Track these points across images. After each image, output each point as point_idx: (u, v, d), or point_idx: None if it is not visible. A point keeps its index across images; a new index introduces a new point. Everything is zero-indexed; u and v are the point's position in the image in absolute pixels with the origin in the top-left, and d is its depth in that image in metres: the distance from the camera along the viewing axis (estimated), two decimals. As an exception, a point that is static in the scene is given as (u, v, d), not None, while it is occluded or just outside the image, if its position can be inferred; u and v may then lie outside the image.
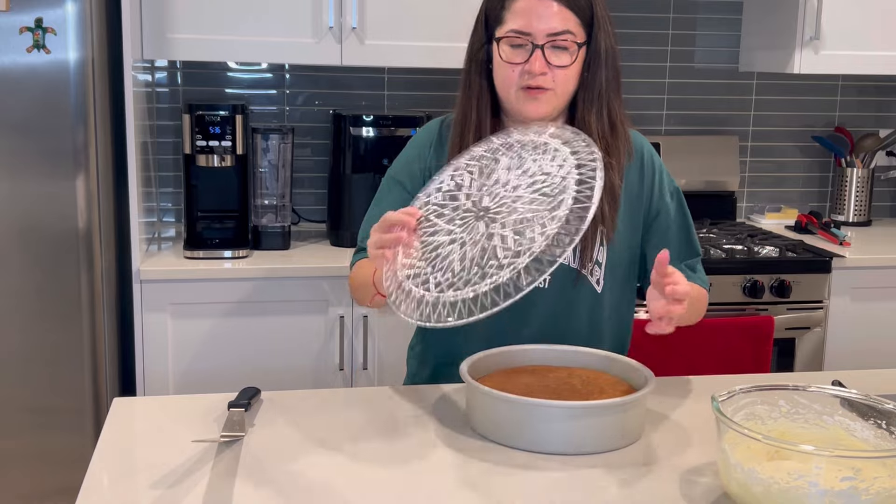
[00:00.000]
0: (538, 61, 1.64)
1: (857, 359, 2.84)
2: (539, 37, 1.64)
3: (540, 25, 1.64)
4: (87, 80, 2.43)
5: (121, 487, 1.34)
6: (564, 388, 1.56)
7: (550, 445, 1.43)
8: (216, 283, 2.61)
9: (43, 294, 2.49)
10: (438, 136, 1.80)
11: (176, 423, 1.55)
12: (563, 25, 1.64)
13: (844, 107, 3.51)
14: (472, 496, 1.31)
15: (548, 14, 1.64)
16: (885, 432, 1.33)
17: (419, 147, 1.81)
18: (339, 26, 2.73)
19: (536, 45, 1.64)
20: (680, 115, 3.41)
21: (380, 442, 1.49)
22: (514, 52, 1.67)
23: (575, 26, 1.65)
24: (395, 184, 1.80)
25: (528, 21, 1.64)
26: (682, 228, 1.83)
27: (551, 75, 1.66)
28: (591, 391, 1.55)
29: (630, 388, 1.55)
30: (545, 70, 1.65)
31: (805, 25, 3.00)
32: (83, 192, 2.47)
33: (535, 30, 1.64)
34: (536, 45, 1.64)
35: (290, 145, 2.85)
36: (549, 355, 1.67)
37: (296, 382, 2.62)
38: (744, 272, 2.84)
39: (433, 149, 1.79)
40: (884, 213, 3.61)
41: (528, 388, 1.54)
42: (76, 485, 1.33)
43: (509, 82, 1.68)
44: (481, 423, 1.50)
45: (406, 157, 1.82)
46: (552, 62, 1.65)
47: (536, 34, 1.64)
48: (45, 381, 2.52)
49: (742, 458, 1.25)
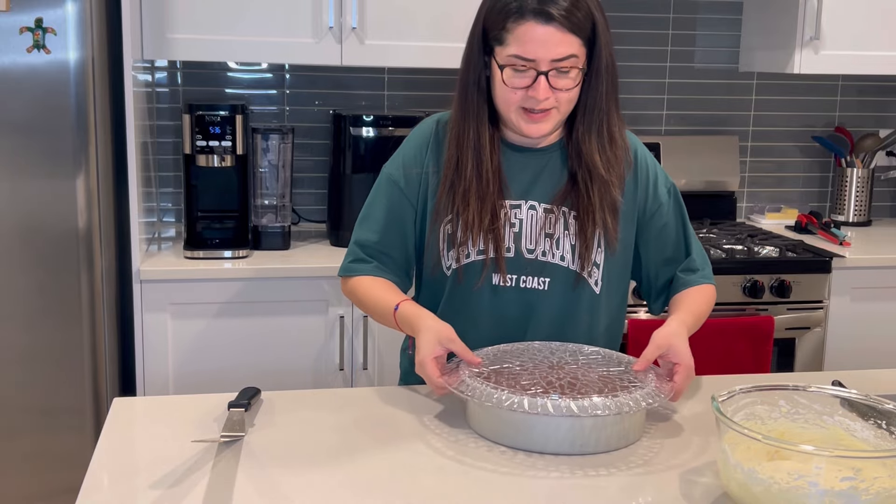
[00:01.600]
0: (542, 88, 1.60)
1: (857, 359, 2.84)
2: (543, 64, 1.59)
3: (544, 53, 1.58)
4: (87, 80, 2.43)
5: (121, 487, 1.34)
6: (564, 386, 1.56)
7: (550, 446, 1.43)
8: (216, 283, 2.61)
9: (43, 294, 2.49)
10: (435, 136, 1.78)
11: (176, 423, 1.55)
12: (568, 51, 1.60)
13: (844, 107, 3.51)
14: (474, 497, 1.31)
15: (552, 41, 1.58)
16: (885, 432, 1.33)
17: (415, 148, 1.79)
18: (339, 26, 2.73)
19: (540, 72, 1.60)
20: (680, 115, 3.41)
21: (380, 442, 1.49)
22: (517, 77, 1.62)
23: (578, 48, 1.61)
24: (391, 183, 1.78)
25: (533, 48, 1.58)
26: (678, 226, 1.82)
27: (554, 98, 1.63)
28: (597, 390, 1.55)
29: None
30: (549, 95, 1.62)
31: (805, 25, 3.00)
32: (83, 192, 2.47)
33: (539, 57, 1.59)
34: (540, 72, 1.60)
35: (290, 145, 2.85)
36: None
37: (296, 382, 2.62)
38: (744, 272, 2.84)
39: (430, 150, 1.77)
40: (884, 213, 3.61)
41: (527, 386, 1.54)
42: (76, 485, 1.33)
43: (510, 104, 1.65)
44: (481, 423, 1.50)
45: (402, 158, 1.80)
46: (555, 86, 1.61)
47: (540, 62, 1.59)
48: (45, 381, 2.52)
49: (742, 458, 1.25)
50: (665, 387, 1.52)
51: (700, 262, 1.83)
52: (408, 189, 1.76)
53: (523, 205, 1.73)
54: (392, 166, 1.80)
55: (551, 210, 1.72)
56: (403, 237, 1.78)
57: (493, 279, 1.72)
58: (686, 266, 1.82)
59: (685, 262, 1.82)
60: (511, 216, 1.72)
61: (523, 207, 1.73)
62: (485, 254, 1.70)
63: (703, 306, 1.77)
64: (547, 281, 1.73)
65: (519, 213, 1.73)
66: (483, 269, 1.71)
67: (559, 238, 1.72)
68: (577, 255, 1.72)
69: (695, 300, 1.76)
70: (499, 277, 1.72)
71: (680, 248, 1.82)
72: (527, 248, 1.72)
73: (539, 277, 1.73)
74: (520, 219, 1.73)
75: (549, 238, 1.72)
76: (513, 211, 1.73)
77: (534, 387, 1.48)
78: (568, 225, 1.72)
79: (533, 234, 1.72)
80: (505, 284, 1.72)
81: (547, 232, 1.72)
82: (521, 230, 1.72)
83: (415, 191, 1.77)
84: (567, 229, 1.72)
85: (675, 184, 1.84)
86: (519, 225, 1.72)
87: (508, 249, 1.72)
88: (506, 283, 1.72)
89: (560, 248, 1.72)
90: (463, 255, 1.72)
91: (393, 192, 1.77)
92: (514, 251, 1.72)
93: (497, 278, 1.72)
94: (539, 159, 1.75)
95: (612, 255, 1.74)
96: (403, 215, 1.77)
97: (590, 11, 1.61)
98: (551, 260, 1.72)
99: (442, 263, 1.75)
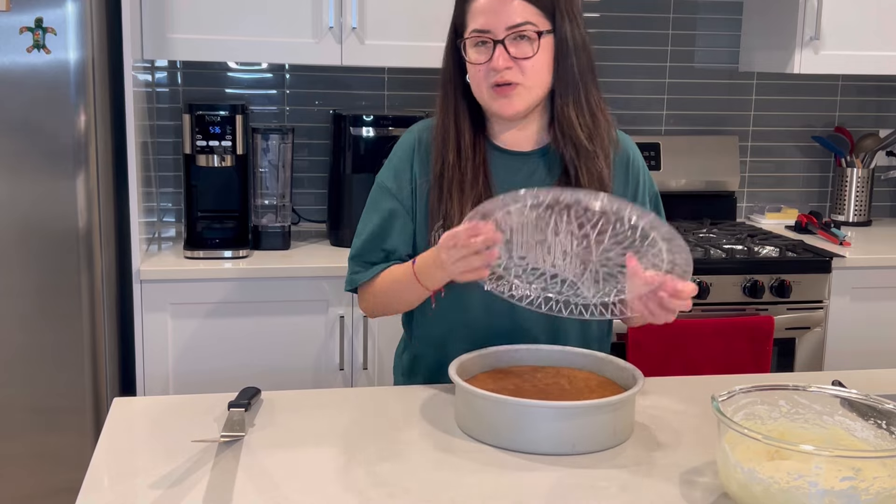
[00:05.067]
0: (501, 57, 1.63)
1: (857, 359, 2.84)
2: (499, 32, 1.63)
3: (498, 21, 1.63)
4: (87, 80, 2.43)
5: (121, 487, 1.34)
6: (553, 388, 1.56)
7: (540, 446, 1.43)
8: (216, 283, 2.61)
9: (43, 294, 2.49)
10: (418, 144, 1.78)
11: (176, 423, 1.55)
12: (522, 17, 1.63)
13: (844, 107, 3.51)
14: (474, 497, 1.31)
15: (506, 9, 1.63)
16: (885, 432, 1.33)
17: (402, 160, 1.79)
18: (339, 26, 2.73)
19: (497, 41, 1.64)
20: (680, 115, 3.41)
21: (379, 442, 1.49)
22: (478, 52, 1.66)
23: (534, 16, 1.64)
24: (384, 191, 1.78)
25: (487, 18, 1.64)
26: None
27: (517, 68, 1.64)
28: (579, 391, 1.55)
29: (619, 388, 1.56)
30: (509, 64, 1.64)
31: (805, 25, 3.00)
32: (83, 192, 2.47)
33: (493, 26, 1.64)
34: (497, 41, 1.64)
35: (290, 145, 2.85)
36: (537, 356, 1.67)
37: (296, 382, 2.62)
38: (744, 272, 2.84)
39: (416, 160, 1.77)
40: (884, 213, 3.61)
41: (517, 388, 1.54)
42: (76, 485, 1.33)
43: (478, 83, 1.68)
44: (471, 424, 1.50)
45: (393, 166, 1.80)
46: (515, 55, 1.64)
47: (496, 30, 1.64)
48: (45, 381, 2.52)
49: (742, 458, 1.25)
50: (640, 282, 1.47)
51: None
52: (401, 196, 1.76)
53: None
54: (384, 176, 1.80)
55: None
56: (402, 239, 1.77)
57: None
58: None
59: None
60: None
61: None
62: None
63: None
64: None
65: None
66: None
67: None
68: None
69: None
70: None
71: None
72: None
73: None
74: None
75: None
76: None
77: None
78: None
79: None
80: None
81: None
82: None
83: (408, 197, 1.76)
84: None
85: (658, 193, 1.84)
86: None
87: None
88: None
89: None
90: None
91: (388, 199, 1.77)
92: None
93: None
94: (528, 164, 1.74)
95: None
96: (401, 219, 1.76)
97: None
98: None
99: None
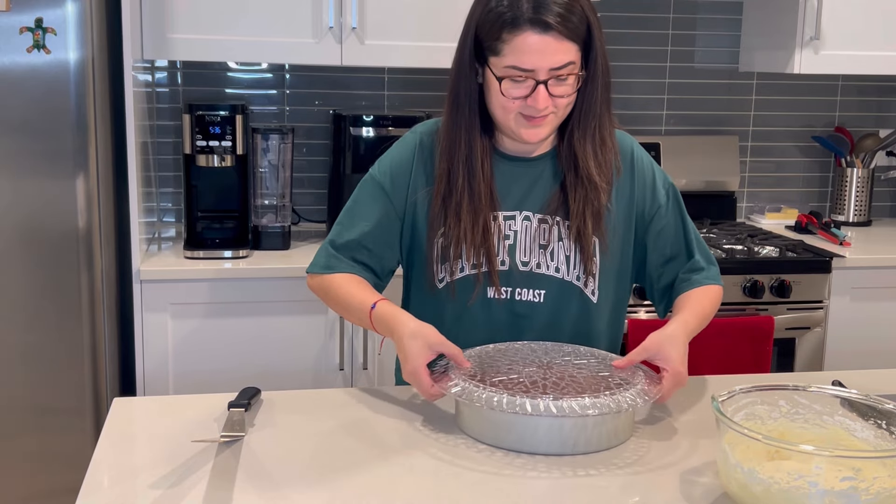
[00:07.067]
0: (542, 98, 1.58)
1: (857, 359, 2.84)
2: (542, 73, 1.57)
3: (542, 63, 1.56)
4: (87, 80, 2.43)
5: (121, 487, 1.34)
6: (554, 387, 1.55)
7: (540, 446, 1.43)
8: (216, 283, 2.61)
9: (43, 294, 2.49)
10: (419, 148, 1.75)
11: (176, 423, 1.55)
12: (566, 58, 1.58)
13: (844, 107, 3.51)
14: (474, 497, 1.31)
15: (549, 50, 1.56)
16: (885, 432, 1.33)
17: (402, 161, 1.75)
18: (339, 26, 2.73)
19: (539, 82, 1.58)
20: (680, 115, 3.41)
21: (379, 442, 1.49)
22: (515, 87, 1.60)
23: (575, 54, 1.59)
24: (375, 185, 1.75)
25: (532, 59, 1.56)
26: (678, 226, 1.79)
27: (553, 104, 1.61)
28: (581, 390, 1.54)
29: None
30: (548, 104, 1.60)
31: (805, 25, 3.00)
32: (83, 193, 2.47)
33: (537, 66, 1.56)
34: (539, 82, 1.58)
35: (290, 145, 2.85)
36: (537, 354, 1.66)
37: (296, 382, 2.62)
38: (744, 272, 2.84)
39: (416, 164, 1.74)
40: (884, 213, 3.61)
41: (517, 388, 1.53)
42: (76, 485, 1.33)
43: (506, 111, 1.62)
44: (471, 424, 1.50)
45: (391, 164, 1.76)
46: (554, 93, 1.60)
47: (539, 71, 1.57)
48: (45, 381, 2.52)
49: (742, 458, 1.25)
50: (652, 390, 1.51)
51: (705, 263, 1.80)
52: (394, 194, 1.74)
53: (517, 216, 1.71)
54: (377, 170, 1.77)
55: (545, 220, 1.71)
56: (384, 239, 1.74)
57: (487, 293, 1.71)
58: (690, 267, 1.78)
59: (689, 263, 1.78)
60: (505, 228, 1.70)
61: (517, 219, 1.71)
62: (478, 268, 1.69)
63: (708, 307, 1.73)
64: (542, 293, 1.71)
65: (513, 224, 1.71)
66: (476, 284, 1.70)
67: (553, 249, 1.71)
68: (572, 265, 1.71)
69: (698, 301, 1.72)
70: (493, 291, 1.71)
71: (680, 248, 1.79)
72: (521, 261, 1.71)
73: (534, 290, 1.71)
74: (514, 230, 1.71)
75: (544, 249, 1.71)
76: (507, 223, 1.71)
77: (516, 386, 1.46)
78: (562, 235, 1.70)
79: (527, 246, 1.71)
80: (499, 297, 1.71)
81: (541, 243, 1.71)
82: (516, 242, 1.71)
83: (401, 199, 1.74)
84: (561, 239, 1.70)
85: (673, 184, 1.82)
86: (513, 237, 1.71)
87: (503, 262, 1.70)
88: (500, 296, 1.70)
89: (555, 259, 1.71)
90: (456, 269, 1.70)
91: (377, 193, 1.74)
92: (508, 264, 1.70)
93: (491, 292, 1.71)
94: (533, 169, 1.73)
95: (607, 261, 1.73)
96: (386, 217, 1.74)
97: (584, 14, 1.59)
98: (546, 272, 1.71)
99: (435, 277, 1.73)
